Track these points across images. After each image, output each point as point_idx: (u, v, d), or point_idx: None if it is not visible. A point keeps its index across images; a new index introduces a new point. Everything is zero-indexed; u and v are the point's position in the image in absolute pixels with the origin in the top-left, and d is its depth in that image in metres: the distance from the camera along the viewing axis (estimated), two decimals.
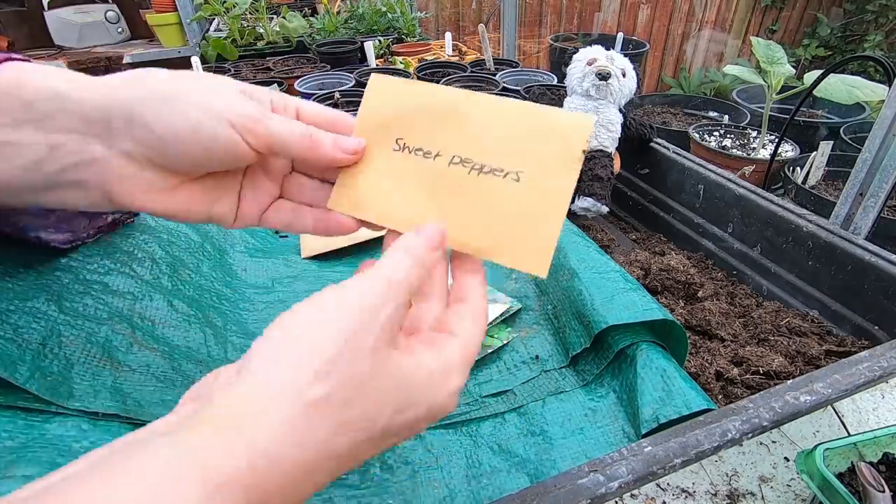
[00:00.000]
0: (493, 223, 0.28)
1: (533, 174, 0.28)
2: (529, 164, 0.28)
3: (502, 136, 0.28)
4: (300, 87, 1.17)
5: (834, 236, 0.57)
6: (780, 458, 0.49)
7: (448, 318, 0.27)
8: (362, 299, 0.22)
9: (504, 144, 0.28)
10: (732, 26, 3.22)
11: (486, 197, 0.28)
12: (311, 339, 0.21)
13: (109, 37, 2.00)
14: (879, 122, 0.64)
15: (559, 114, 0.28)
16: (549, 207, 0.27)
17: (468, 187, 0.28)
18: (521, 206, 0.28)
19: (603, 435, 0.42)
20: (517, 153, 0.28)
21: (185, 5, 1.76)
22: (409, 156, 0.30)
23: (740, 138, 1.42)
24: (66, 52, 1.93)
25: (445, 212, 0.29)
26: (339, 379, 0.20)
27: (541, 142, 0.28)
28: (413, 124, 0.30)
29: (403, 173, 0.29)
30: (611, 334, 0.46)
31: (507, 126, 0.28)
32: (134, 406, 0.35)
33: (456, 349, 0.25)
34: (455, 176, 0.29)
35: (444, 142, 0.29)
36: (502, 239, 0.28)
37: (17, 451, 0.29)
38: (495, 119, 0.29)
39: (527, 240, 0.28)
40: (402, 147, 0.30)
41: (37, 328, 0.34)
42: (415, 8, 1.89)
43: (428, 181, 0.29)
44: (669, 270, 0.63)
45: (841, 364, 0.39)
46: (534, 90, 0.83)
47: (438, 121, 0.29)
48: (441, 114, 0.29)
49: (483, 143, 0.28)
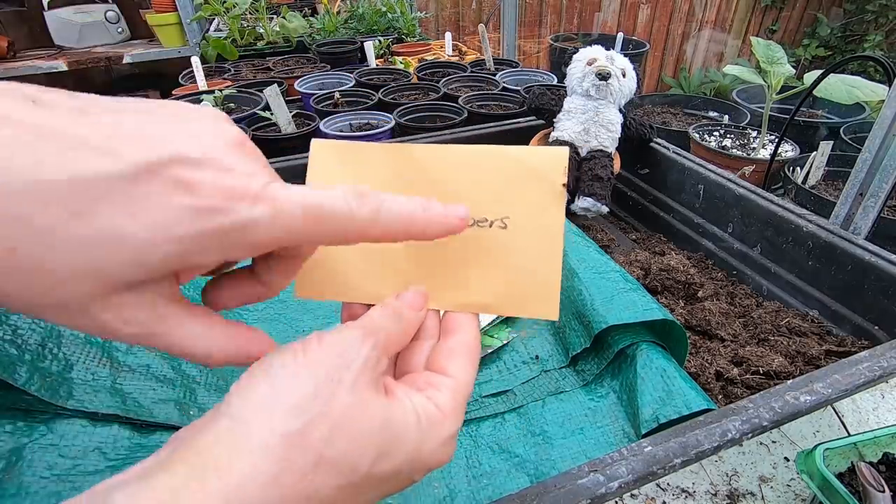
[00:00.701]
0: (490, 277, 0.27)
1: (519, 218, 0.26)
2: (513, 209, 0.26)
3: (477, 186, 0.27)
4: (300, 87, 1.17)
5: (834, 236, 0.57)
6: (780, 458, 0.49)
7: (439, 354, 0.25)
8: (342, 341, 0.22)
9: (482, 194, 0.27)
10: (732, 26, 3.22)
11: (475, 251, 0.27)
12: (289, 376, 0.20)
13: (109, 37, 2.00)
14: (879, 122, 0.64)
15: (531, 151, 0.27)
16: (544, 248, 0.26)
17: (454, 245, 0.26)
18: (514, 253, 0.26)
19: (603, 435, 0.42)
20: (498, 200, 0.27)
21: (185, 5, 1.76)
22: None
23: (740, 138, 1.42)
24: (66, 52, 1.93)
25: (435, 276, 0.27)
26: (317, 414, 0.19)
27: (519, 183, 0.26)
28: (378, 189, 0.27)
29: (381, 245, 0.26)
30: (611, 334, 0.46)
31: (480, 175, 0.27)
32: (133, 406, 0.35)
33: (448, 393, 0.24)
34: None
35: None
36: (503, 291, 0.27)
37: (18, 452, 0.29)
38: (465, 170, 0.27)
39: (529, 286, 0.26)
40: None
41: (36, 329, 0.34)
42: (415, 8, 1.89)
43: (411, 249, 0.27)
44: (669, 270, 0.63)
45: (841, 364, 0.39)
46: (534, 90, 0.83)
47: (405, 182, 0.27)
48: (405, 174, 0.27)
49: (459, 196, 0.27)
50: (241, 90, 1.11)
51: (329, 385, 0.20)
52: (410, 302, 0.25)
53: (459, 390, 0.24)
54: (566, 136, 0.76)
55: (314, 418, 0.19)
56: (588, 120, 0.76)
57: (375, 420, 0.21)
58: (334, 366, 0.21)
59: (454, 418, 0.23)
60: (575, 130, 0.76)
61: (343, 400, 0.20)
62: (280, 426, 0.19)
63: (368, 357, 0.22)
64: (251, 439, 0.18)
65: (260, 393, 0.20)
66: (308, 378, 0.20)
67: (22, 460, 0.29)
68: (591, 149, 0.76)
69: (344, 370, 0.21)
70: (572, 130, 0.76)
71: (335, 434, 0.19)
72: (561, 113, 0.78)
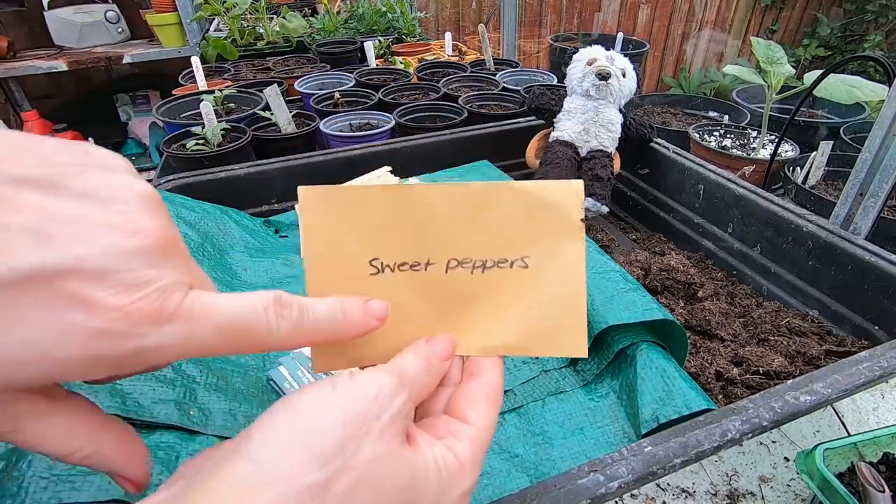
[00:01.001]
0: (514, 317, 0.26)
1: (540, 256, 0.26)
2: (533, 247, 0.26)
3: (493, 226, 0.25)
4: (300, 87, 1.17)
5: (834, 236, 0.57)
6: (780, 458, 0.49)
7: (460, 398, 0.24)
8: (371, 389, 0.21)
9: (498, 233, 0.25)
10: (732, 26, 3.22)
11: (497, 293, 0.26)
12: (316, 424, 0.19)
13: (109, 37, 2.00)
14: (879, 122, 0.64)
15: (544, 186, 0.26)
16: (568, 284, 0.26)
17: (476, 289, 0.26)
18: (537, 292, 0.26)
19: (603, 435, 0.42)
20: (515, 239, 0.26)
21: (185, 5, 1.76)
22: (395, 275, 0.25)
23: (740, 138, 1.42)
24: (66, 52, 1.93)
25: (459, 321, 0.26)
26: (342, 465, 0.18)
27: (536, 220, 0.25)
28: (384, 238, 0.25)
29: (396, 298, 0.25)
30: (611, 334, 0.46)
31: (494, 214, 0.25)
32: (133, 406, 0.35)
33: (467, 443, 0.23)
34: (458, 281, 0.26)
35: (432, 248, 0.25)
36: (528, 331, 0.26)
37: (18, 452, 0.29)
38: (479, 210, 0.25)
39: (554, 324, 0.26)
40: (381, 268, 0.25)
41: None
42: (415, 8, 1.89)
43: (429, 295, 0.26)
44: (669, 270, 0.63)
45: (841, 364, 0.39)
46: (534, 90, 0.83)
47: (412, 227, 0.25)
48: (412, 218, 0.25)
49: (475, 238, 0.25)
50: (241, 90, 1.11)
51: (358, 434, 0.19)
52: (440, 352, 0.25)
53: (478, 439, 0.23)
54: (566, 136, 0.76)
55: (339, 470, 0.18)
56: (588, 120, 0.76)
57: (401, 475, 0.20)
58: (365, 413, 0.20)
59: (472, 470, 0.23)
60: (575, 130, 0.76)
61: (370, 451, 0.19)
62: (302, 477, 0.17)
63: (401, 409, 0.21)
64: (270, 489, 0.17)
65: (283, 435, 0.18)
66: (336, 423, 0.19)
67: (22, 460, 0.29)
68: (591, 149, 0.76)
69: (374, 419, 0.20)
70: (572, 130, 0.76)
71: (359, 488, 0.18)
72: (561, 113, 0.78)
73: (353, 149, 0.76)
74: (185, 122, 0.97)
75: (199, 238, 0.56)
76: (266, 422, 0.19)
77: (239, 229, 0.62)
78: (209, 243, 0.57)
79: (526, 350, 0.26)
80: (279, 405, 0.20)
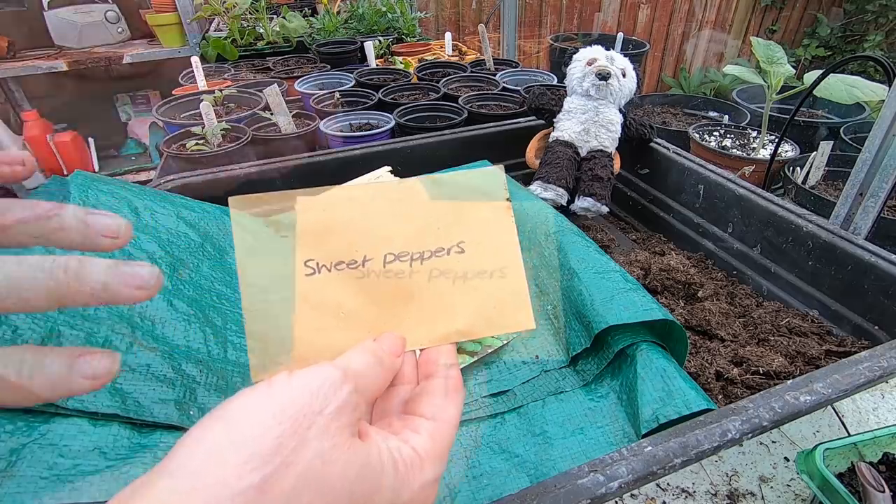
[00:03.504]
0: (459, 303, 0.26)
1: (473, 240, 0.27)
2: (465, 233, 0.27)
3: (424, 217, 0.26)
4: (300, 87, 1.17)
5: (834, 236, 0.57)
6: (780, 458, 0.49)
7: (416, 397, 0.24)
8: (313, 382, 0.19)
9: (430, 224, 0.26)
10: (732, 26, 3.22)
11: (440, 282, 0.26)
12: (251, 424, 0.17)
13: (109, 37, 2.00)
14: (879, 122, 0.64)
15: (466, 175, 0.27)
16: (504, 262, 0.26)
17: (417, 281, 0.26)
18: (477, 274, 0.26)
19: (603, 435, 0.42)
20: (448, 227, 0.26)
21: (185, 5, 1.76)
22: (331, 275, 0.25)
23: (740, 138, 1.42)
24: (66, 52, 1.93)
25: (406, 316, 0.26)
26: (280, 464, 0.17)
27: (465, 207, 0.27)
28: (316, 239, 0.25)
29: (334, 297, 0.25)
30: (611, 334, 0.45)
31: (423, 206, 0.26)
32: (133, 406, 0.35)
33: (425, 435, 0.22)
34: (397, 273, 0.26)
35: (367, 244, 0.26)
36: (476, 313, 0.26)
37: (18, 452, 0.29)
38: (407, 203, 0.26)
39: (499, 302, 0.26)
40: (317, 269, 0.25)
41: (36, 329, 0.34)
42: (415, 8, 1.89)
43: (368, 292, 0.26)
44: (669, 270, 0.63)
45: (841, 364, 0.39)
46: (534, 90, 0.83)
47: (345, 226, 0.26)
48: (344, 217, 0.26)
49: (410, 230, 0.26)
50: (241, 90, 1.11)
51: (298, 430, 0.18)
52: (390, 347, 0.24)
53: (439, 431, 0.22)
54: (566, 136, 0.76)
55: (277, 469, 0.17)
56: (588, 120, 0.76)
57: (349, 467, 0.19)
58: (307, 407, 0.18)
59: (435, 461, 0.21)
60: (575, 130, 0.76)
61: (314, 446, 0.18)
62: (234, 482, 0.16)
63: (347, 401, 0.20)
64: (196, 497, 0.15)
65: (212, 440, 0.17)
66: (273, 420, 0.18)
67: (22, 460, 0.29)
68: (591, 149, 0.76)
69: (317, 414, 0.19)
70: (572, 130, 0.76)
71: (303, 485, 0.17)
72: (561, 113, 0.78)
73: (353, 149, 0.76)
74: (185, 122, 0.97)
75: (199, 238, 0.56)
76: (194, 433, 0.18)
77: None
78: (209, 243, 0.57)
79: (477, 333, 0.26)
80: (209, 414, 0.18)
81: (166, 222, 0.54)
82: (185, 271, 0.50)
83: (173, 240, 0.52)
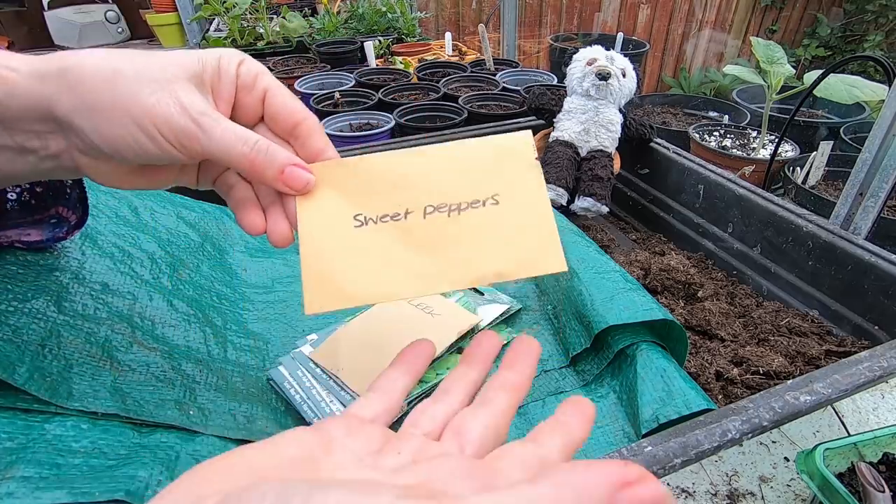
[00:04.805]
0: (496, 247, 0.29)
1: (507, 192, 0.29)
2: (499, 187, 0.29)
3: (459, 175, 0.30)
4: (300, 87, 1.17)
5: (834, 236, 0.57)
6: (780, 458, 0.49)
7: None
8: None
9: (466, 181, 0.29)
10: (732, 26, 3.22)
11: (476, 229, 0.29)
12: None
13: (109, 37, 2.00)
14: (879, 122, 0.64)
15: (499, 138, 0.30)
16: (537, 210, 0.29)
17: (454, 228, 0.29)
18: (512, 221, 0.29)
19: (603, 435, 0.42)
20: (482, 182, 0.29)
21: (185, 5, 1.76)
22: (377, 226, 0.29)
23: (740, 138, 1.42)
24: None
25: (442, 259, 0.29)
26: None
27: (497, 166, 0.30)
28: (363, 197, 0.29)
29: (380, 244, 0.29)
30: (611, 334, 0.45)
31: (458, 166, 0.30)
32: (134, 406, 0.35)
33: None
34: (436, 224, 0.29)
35: (408, 199, 0.29)
36: (510, 256, 0.29)
37: (17, 452, 0.29)
38: (443, 164, 0.30)
39: (533, 246, 0.29)
40: (364, 221, 0.29)
41: (36, 329, 0.34)
42: (415, 8, 1.89)
43: (410, 240, 0.29)
44: (669, 270, 0.63)
45: (841, 364, 0.39)
46: (534, 90, 0.83)
47: (389, 185, 0.29)
48: (387, 179, 0.30)
49: (447, 187, 0.29)
50: None
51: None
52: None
53: None
54: (566, 136, 0.76)
55: None
56: (588, 120, 0.76)
57: None
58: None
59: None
60: (575, 130, 0.76)
61: None
62: None
63: None
64: None
65: None
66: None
67: (21, 460, 0.29)
68: (591, 149, 0.76)
69: None
70: (572, 130, 0.76)
71: None
72: (561, 113, 0.78)
73: (353, 149, 0.76)
74: None
75: (199, 238, 0.56)
76: None
77: (239, 229, 0.62)
78: (209, 243, 0.57)
79: (511, 273, 0.29)
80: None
81: (166, 222, 0.54)
82: (185, 271, 0.50)
83: (173, 240, 0.52)
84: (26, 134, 0.26)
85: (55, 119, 0.25)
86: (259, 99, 0.29)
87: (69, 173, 0.28)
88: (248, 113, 0.29)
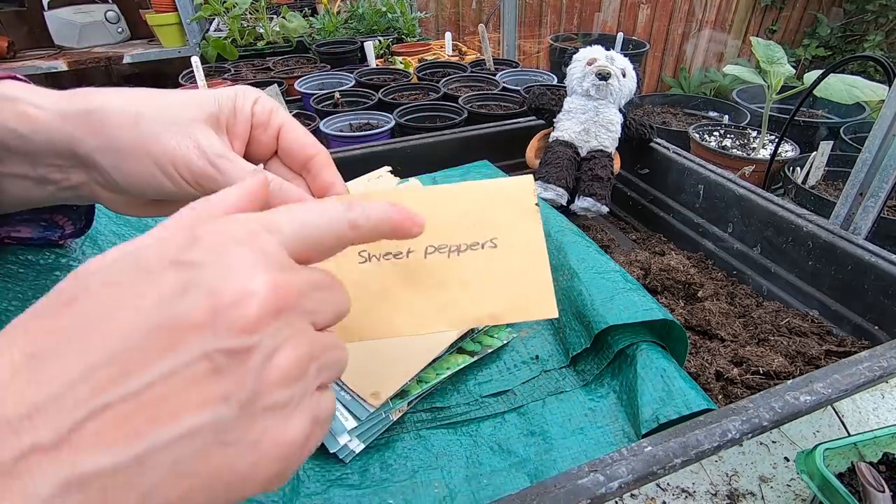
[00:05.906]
0: (491, 290, 0.30)
1: (505, 236, 0.30)
2: (498, 230, 0.30)
3: (461, 216, 0.30)
4: (300, 87, 1.17)
5: (834, 236, 0.57)
6: (780, 458, 0.49)
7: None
8: None
9: (467, 222, 0.30)
10: (732, 26, 3.22)
11: (473, 271, 0.30)
12: None
13: (109, 37, 2.00)
14: (879, 122, 0.64)
15: (501, 182, 0.31)
16: (532, 257, 0.30)
17: (453, 269, 0.30)
18: (508, 265, 0.30)
19: (603, 435, 0.42)
20: (482, 225, 0.30)
21: (185, 5, 1.76)
22: (380, 263, 0.30)
23: (740, 138, 1.42)
24: (66, 52, 1.93)
25: (440, 299, 0.30)
26: None
27: (498, 209, 0.30)
28: None
29: (381, 282, 0.30)
30: (611, 334, 0.45)
31: (460, 207, 0.30)
32: None
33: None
34: (436, 264, 0.30)
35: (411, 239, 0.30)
36: (506, 299, 0.30)
37: None
38: (446, 204, 0.30)
39: (527, 292, 0.30)
40: (368, 258, 0.30)
41: None
42: (415, 8, 1.89)
43: (410, 279, 0.30)
44: (669, 270, 0.63)
45: (841, 364, 0.39)
46: (534, 90, 0.83)
47: None
48: None
49: (447, 229, 0.30)
50: None
51: None
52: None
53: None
54: (566, 136, 0.76)
55: None
56: (588, 120, 0.76)
57: None
58: None
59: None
60: (575, 130, 0.76)
61: None
62: None
63: None
64: None
65: None
66: None
67: None
68: (591, 149, 0.76)
69: None
70: (572, 130, 0.76)
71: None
72: (561, 113, 0.78)
73: (353, 149, 0.76)
74: None
75: None
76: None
77: None
78: None
79: (504, 317, 0.30)
80: None
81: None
82: None
83: None
84: (49, 167, 0.27)
85: (77, 156, 0.27)
86: (273, 136, 0.30)
87: (86, 201, 0.30)
88: (262, 149, 0.31)
